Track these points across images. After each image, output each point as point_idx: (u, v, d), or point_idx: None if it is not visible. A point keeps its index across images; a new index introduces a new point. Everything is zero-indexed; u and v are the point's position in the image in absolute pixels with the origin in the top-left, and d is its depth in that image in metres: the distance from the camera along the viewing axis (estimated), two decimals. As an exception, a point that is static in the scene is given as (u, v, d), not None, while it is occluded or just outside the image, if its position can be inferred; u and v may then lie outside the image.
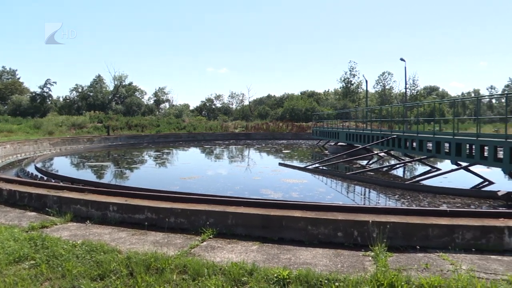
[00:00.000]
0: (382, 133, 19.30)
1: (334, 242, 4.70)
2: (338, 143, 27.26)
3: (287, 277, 3.41)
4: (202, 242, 4.78)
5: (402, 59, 38.70)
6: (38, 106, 58.06)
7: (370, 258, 4.15)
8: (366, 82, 46.61)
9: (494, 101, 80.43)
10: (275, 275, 3.44)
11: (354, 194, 12.69)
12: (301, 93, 78.41)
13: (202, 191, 10.72)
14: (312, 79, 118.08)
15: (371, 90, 75.14)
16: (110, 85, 67.67)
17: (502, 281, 3.38)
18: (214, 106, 78.31)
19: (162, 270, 3.64)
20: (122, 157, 25.53)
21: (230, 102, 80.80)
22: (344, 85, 72.36)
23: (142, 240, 4.91)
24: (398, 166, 18.81)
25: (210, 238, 4.97)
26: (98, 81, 66.09)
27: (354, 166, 18.85)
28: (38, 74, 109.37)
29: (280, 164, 19.24)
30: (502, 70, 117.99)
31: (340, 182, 14.38)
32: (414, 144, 15.56)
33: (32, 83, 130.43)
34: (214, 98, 79.64)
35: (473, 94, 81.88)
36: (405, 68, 39.49)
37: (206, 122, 56.81)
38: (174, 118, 57.25)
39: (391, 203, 10.62)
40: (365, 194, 12.42)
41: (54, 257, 4.01)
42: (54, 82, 61.77)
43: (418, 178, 14.12)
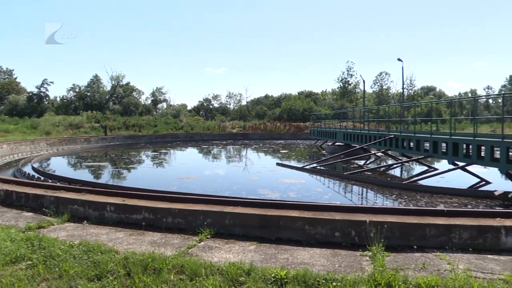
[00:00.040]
0: (379, 133, 19.35)
1: (332, 242, 4.70)
2: (336, 143, 27.30)
3: (285, 277, 3.41)
4: (200, 242, 4.78)
5: (399, 59, 38.84)
6: (35, 106, 57.90)
7: (367, 258, 4.16)
8: (364, 82, 46.75)
9: (491, 101, 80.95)
10: (273, 275, 3.44)
11: (351, 194, 12.72)
12: (298, 93, 78.41)
13: (199, 191, 10.71)
14: (310, 79, 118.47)
15: (369, 90, 75.57)
16: (107, 85, 67.74)
17: (499, 280, 3.39)
18: (211, 106, 78.19)
19: (159, 271, 3.63)
20: (120, 157, 25.48)
21: (227, 102, 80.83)
22: (341, 85, 72.52)
23: (140, 240, 4.90)
24: (395, 166, 18.86)
25: (207, 238, 4.97)
26: (96, 81, 65.94)
27: (352, 166, 18.88)
28: (35, 74, 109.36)
29: (277, 164, 19.25)
30: (499, 70, 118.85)
31: (337, 182, 14.40)
32: (412, 144, 15.60)
33: (29, 83, 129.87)
34: (211, 98, 79.55)
35: (470, 94, 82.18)
36: (402, 68, 39.71)
37: (203, 122, 56.78)
38: (172, 118, 57.13)
39: (389, 203, 10.66)
40: (362, 194, 12.44)
41: (51, 257, 4.00)
42: (51, 82, 61.75)
43: (415, 178, 14.17)
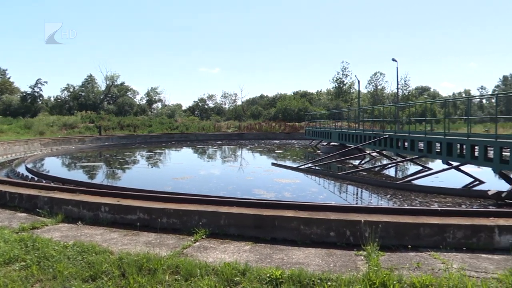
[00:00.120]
0: (374, 133, 19.43)
1: (327, 242, 4.71)
2: (331, 143, 27.37)
3: (280, 277, 3.41)
4: (195, 243, 4.77)
5: (394, 60, 39.05)
6: (28, 106, 57.47)
7: (362, 257, 4.18)
8: (359, 82, 46.93)
9: (484, 101, 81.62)
10: (268, 275, 3.44)
11: (346, 193, 12.76)
12: (294, 93, 78.54)
13: (194, 192, 10.68)
14: (305, 80, 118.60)
15: (364, 90, 75.75)
16: (102, 85, 67.36)
17: (492, 279, 3.42)
18: (206, 106, 78.10)
19: (154, 271, 3.62)
20: (114, 157, 25.36)
21: (222, 102, 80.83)
22: (336, 85, 72.70)
23: (134, 240, 4.88)
24: (390, 166, 18.94)
25: (202, 238, 4.96)
26: (90, 81, 65.57)
27: (347, 166, 18.93)
28: (28, 74, 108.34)
29: (273, 164, 19.26)
30: (493, 70, 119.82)
31: (332, 182, 14.44)
32: (406, 144, 15.68)
33: (22, 83, 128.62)
34: (206, 98, 79.52)
35: (464, 95, 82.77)
36: (397, 68, 39.95)
37: (198, 122, 56.65)
38: (167, 118, 56.99)
39: (383, 203, 10.70)
40: (357, 194, 12.49)
41: (45, 258, 3.97)
42: (45, 82, 61.46)
43: (409, 178, 14.25)
